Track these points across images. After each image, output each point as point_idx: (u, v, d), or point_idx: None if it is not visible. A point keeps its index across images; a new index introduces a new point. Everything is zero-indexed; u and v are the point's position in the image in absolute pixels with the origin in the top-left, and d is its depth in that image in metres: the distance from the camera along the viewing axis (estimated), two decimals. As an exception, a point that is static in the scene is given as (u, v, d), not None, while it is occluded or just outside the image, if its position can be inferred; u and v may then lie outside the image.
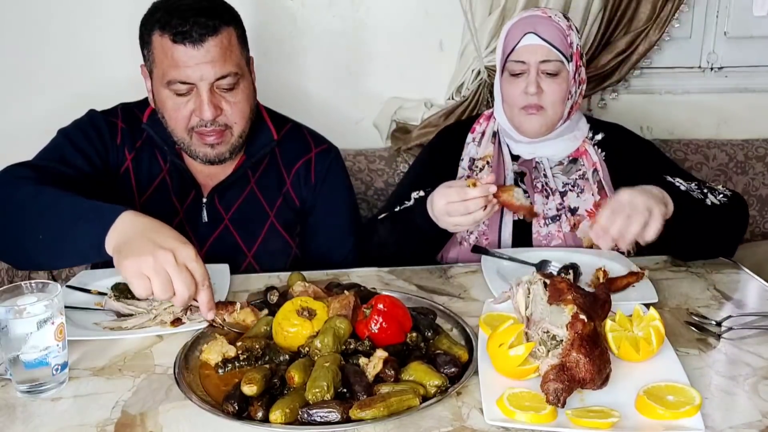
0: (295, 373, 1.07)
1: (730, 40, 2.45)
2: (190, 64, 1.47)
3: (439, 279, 1.56)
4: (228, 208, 1.68)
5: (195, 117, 1.53)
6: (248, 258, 1.69)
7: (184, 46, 1.47)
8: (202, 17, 1.47)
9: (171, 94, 1.52)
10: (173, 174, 1.66)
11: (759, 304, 1.44)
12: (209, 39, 1.47)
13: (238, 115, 1.56)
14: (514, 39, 1.69)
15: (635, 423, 1.01)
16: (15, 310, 1.08)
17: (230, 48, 1.51)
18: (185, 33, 1.46)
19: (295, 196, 1.73)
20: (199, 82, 1.49)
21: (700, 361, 1.20)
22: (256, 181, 1.70)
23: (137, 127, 1.66)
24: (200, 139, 1.56)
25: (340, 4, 2.23)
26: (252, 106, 1.61)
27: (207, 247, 1.67)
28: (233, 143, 1.59)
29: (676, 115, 2.45)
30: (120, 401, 1.09)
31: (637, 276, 1.45)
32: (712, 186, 1.62)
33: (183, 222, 1.66)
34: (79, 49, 2.16)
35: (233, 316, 1.27)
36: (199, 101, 1.51)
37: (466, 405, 1.07)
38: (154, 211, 1.59)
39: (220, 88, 1.52)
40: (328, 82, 2.29)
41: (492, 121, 1.86)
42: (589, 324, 1.08)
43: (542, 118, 1.70)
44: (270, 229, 1.70)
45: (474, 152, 1.84)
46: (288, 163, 1.74)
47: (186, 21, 1.46)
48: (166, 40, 1.48)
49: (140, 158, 1.65)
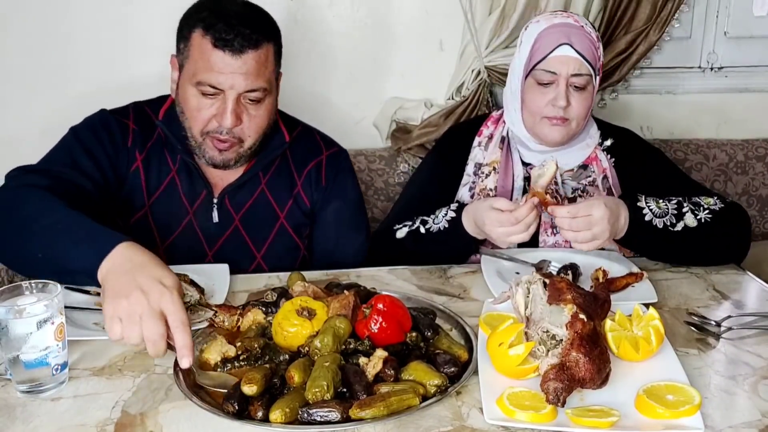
0: (295, 373, 1.07)
1: (730, 40, 2.45)
2: (225, 71, 1.48)
3: (439, 279, 1.56)
4: (238, 209, 1.68)
5: (214, 121, 1.54)
6: (257, 259, 1.69)
7: (224, 53, 1.48)
8: (247, 29, 1.48)
9: (197, 93, 1.53)
10: (183, 174, 1.66)
11: (758, 304, 1.44)
12: (249, 51, 1.48)
13: (254, 129, 1.57)
14: (546, 47, 1.64)
15: (635, 422, 1.01)
16: (15, 310, 1.08)
17: (266, 64, 1.53)
18: (228, 41, 1.47)
19: (305, 197, 1.73)
20: (229, 90, 1.50)
21: (699, 360, 1.20)
22: (266, 183, 1.70)
23: (149, 127, 1.66)
24: (212, 143, 1.57)
25: (340, 4, 2.23)
26: (271, 122, 1.62)
27: (217, 248, 1.67)
28: (242, 153, 1.60)
29: (676, 115, 2.45)
30: (120, 401, 1.09)
31: (636, 276, 1.45)
32: (698, 201, 1.59)
33: (192, 222, 1.66)
34: (86, 47, 2.16)
35: (233, 319, 1.27)
36: (223, 108, 1.52)
37: (466, 404, 1.07)
38: (164, 211, 1.62)
39: (246, 99, 1.53)
40: (328, 82, 2.29)
41: (501, 125, 1.82)
42: (589, 323, 1.08)
43: (566, 130, 1.68)
44: (279, 231, 1.71)
45: (480, 157, 1.81)
46: (299, 165, 1.74)
47: (231, 29, 1.47)
48: (207, 42, 1.48)
49: (150, 158, 1.65)
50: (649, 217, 1.54)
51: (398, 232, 1.70)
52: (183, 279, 1.39)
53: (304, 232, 1.75)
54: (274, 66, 1.57)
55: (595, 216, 1.45)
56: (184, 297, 1.36)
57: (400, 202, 1.93)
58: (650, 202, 1.56)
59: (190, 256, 1.63)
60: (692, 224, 1.55)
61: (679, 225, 1.55)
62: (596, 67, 1.66)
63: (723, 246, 1.59)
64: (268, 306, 1.29)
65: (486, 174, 1.78)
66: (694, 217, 1.56)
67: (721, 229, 1.57)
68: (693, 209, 1.57)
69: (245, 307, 1.30)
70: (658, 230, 1.54)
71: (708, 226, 1.56)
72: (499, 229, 1.49)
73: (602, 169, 1.75)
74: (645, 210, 1.54)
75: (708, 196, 1.63)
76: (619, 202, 1.53)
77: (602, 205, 1.46)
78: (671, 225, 1.54)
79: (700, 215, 1.56)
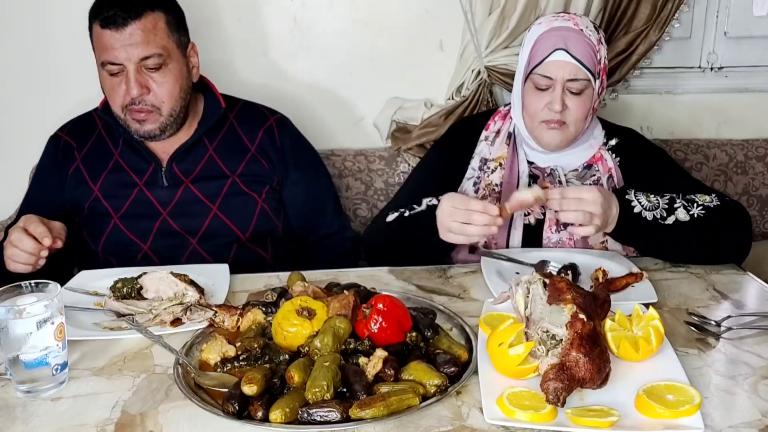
0: (295, 373, 1.07)
1: (730, 40, 2.45)
2: (116, 46, 1.63)
3: (439, 279, 1.56)
4: (188, 172, 1.79)
5: (126, 96, 1.67)
6: (213, 210, 1.78)
7: (111, 31, 1.62)
8: (127, 3, 1.62)
9: (107, 75, 1.67)
10: (127, 153, 1.80)
11: (758, 304, 1.44)
12: (132, 23, 1.62)
13: (165, 95, 1.69)
14: (542, 51, 1.64)
15: (635, 422, 1.01)
16: (15, 310, 1.08)
17: (154, 31, 1.65)
18: (110, 17, 1.62)
19: (263, 159, 1.84)
20: (126, 63, 1.64)
21: (699, 360, 1.20)
22: (214, 149, 1.82)
23: (88, 125, 1.85)
24: (131, 116, 1.69)
25: (340, 4, 2.23)
26: (183, 86, 1.72)
27: (171, 207, 1.77)
28: (162, 122, 1.71)
29: (676, 115, 2.45)
30: (120, 401, 1.10)
31: (636, 277, 1.45)
32: (693, 198, 1.60)
33: (143, 190, 1.78)
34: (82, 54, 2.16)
35: (233, 319, 1.27)
36: (127, 80, 1.65)
37: (466, 404, 1.07)
38: (113, 189, 1.79)
39: (147, 68, 1.66)
40: (328, 82, 2.29)
41: (508, 121, 1.82)
42: (589, 323, 1.08)
43: (563, 134, 1.67)
44: (232, 184, 1.80)
45: (486, 152, 1.81)
46: (248, 131, 1.86)
47: (111, 7, 1.62)
48: (97, 26, 1.64)
49: (91, 152, 1.81)
50: (638, 209, 1.55)
51: (389, 217, 1.71)
52: (183, 279, 1.40)
53: (261, 188, 1.82)
54: (169, 33, 1.68)
55: (587, 198, 1.48)
56: (184, 297, 1.36)
57: (402, 191, 1.92)
58: (639, 195, 1.58)
59: (146, 219, 1.77)
60: (684, 219, 1.55)
61: (669, 219, 1.55)
62: (595, 71, 1.65)
63: (719, 244, 1.59)
64: (268, 306, 1.29)
65: (492, 170, 1.78)
66: (686, 212, 1.56)
67: (717, 226, 1.57)
68: (686, 205, 1.57)
69: (245, 307, 1.30)
70: (647, 222, 1.55)
71: (701, 221, 1.55)
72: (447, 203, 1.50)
73: (607, 169, 1.75)
74: (634, 202, 1.56)
75: (710, 193, 1.63)
76: (611, 193, 1.56)
77: (594, 189, 1.49)
78: (661, 218, 1.55)
79: (693, 211, 1.56)
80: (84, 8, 1.67)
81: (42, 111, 2.16)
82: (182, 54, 1.73)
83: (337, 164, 2.21)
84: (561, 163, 1.75)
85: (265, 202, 1.82)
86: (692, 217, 1.56)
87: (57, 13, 2.12)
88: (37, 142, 1.90)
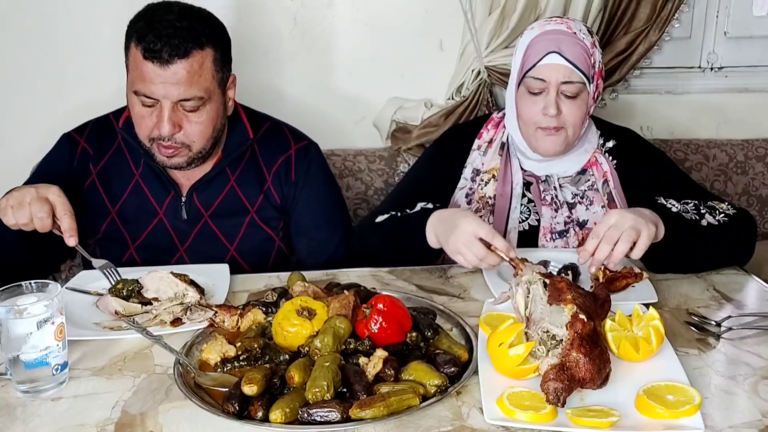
0: (295, 373, 1.07)
1: (730, 40, 2.45)
2: (156, 81, 1.50)
3: (439, 279, 1.56)
4: (208, 205, 1.71)
5: (156, 129, 1.56)
6: (230, 251, 1.71)
7: (152, 64, 1.49)
8: (176, 38, 1.49)
9: (137, 101, 1.55)
10: (148, 175, 1.70)
11: (758, 304, 1.44)
12: (178, 61, 1.49)
13: (197, 136, 1.58)
14: (535, 55, 1.62)
15: (635, 422, 1.01)
16: (15, 310, 1.08)
17: (200, 72, 1.53)
18: (156, 51, 1.48)
19: (276, 193, 1.75)
20: (163, 100, 1.52)
21: (699, 360, 1.20)
22: (235, 179, 1.72)
23: (108, 137, 1.72)
24: (158, 148, 1.59)
25: (340, 4, 2.23)
26: (217, 126, 1.62)
27: (189, 242, 1.70)
28: (191, 157, 1.61)
29: (676, 115, 2.45)
30: (120, 401, 1.09)
31: (636, 277, 1.45)
32: (713, 205, 1.60)
33: (163, 220, 1.69)
34: (81, 56, 2.16)
35: (233, 319, 1.27)
36: (160, 116, 1.54)
37: (466, 404, 1.07)
38: (132, 214, 1.68)
39: (184, 108, 1.55)
40: (328, 82, 2.29)
41: (501, 129, 1.80)
42: (589, 323, 1.08)
43: (560, 139, 1.65)
44: (251, 224, 1.72)
45: (479, 163, 1.79)
46: (267, 161, 1.75)
47: (159, 39, 1.48)
48: (139, 53, 1.50)
49: (109, 168, 1.70)
50: (676, 208, 1.55)
51: (379, 218, 1.69)
52: (183, 279, 1.40)
53: (278, 225, 1.76)
54: (213, 72, 1.57)
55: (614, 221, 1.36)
56: (184, 297, 1.36)
57: (392, 194, 1.90)
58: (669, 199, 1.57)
59: (163, 252, 1.68)
60: (714, 222, 1.55)
61: (703, 221, 1.55)
62: (590, 75, 1.63)
63: (735, 249, 1.59)
64: (268, 306, 1.29)
65: (485, 182, 1.77)
66: (713, 218, 1.56)
67: (735, 233, 1.57)
68: (710, 212, 1.57)
69: (245, 307, 1.30)
70: (688, 222, 1.53)
71: (726, 226, 1.56)
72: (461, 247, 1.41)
73: (603, 173, 1.73)
74: (668, 204, 1.55)
75: (716, 200, 1.63)
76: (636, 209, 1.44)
77: (613, 212, 1.40)
78: (698, 219, 1.55)
79: (718, 217, 1.56)
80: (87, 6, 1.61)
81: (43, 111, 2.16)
82: (222, 92, 1.62)
83: (337, 164, 2.21)
84: (556, 171, 1.74)
85: (283, 240, 1.76)
86: (719, 222, 1.56)
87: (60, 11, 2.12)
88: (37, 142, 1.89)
